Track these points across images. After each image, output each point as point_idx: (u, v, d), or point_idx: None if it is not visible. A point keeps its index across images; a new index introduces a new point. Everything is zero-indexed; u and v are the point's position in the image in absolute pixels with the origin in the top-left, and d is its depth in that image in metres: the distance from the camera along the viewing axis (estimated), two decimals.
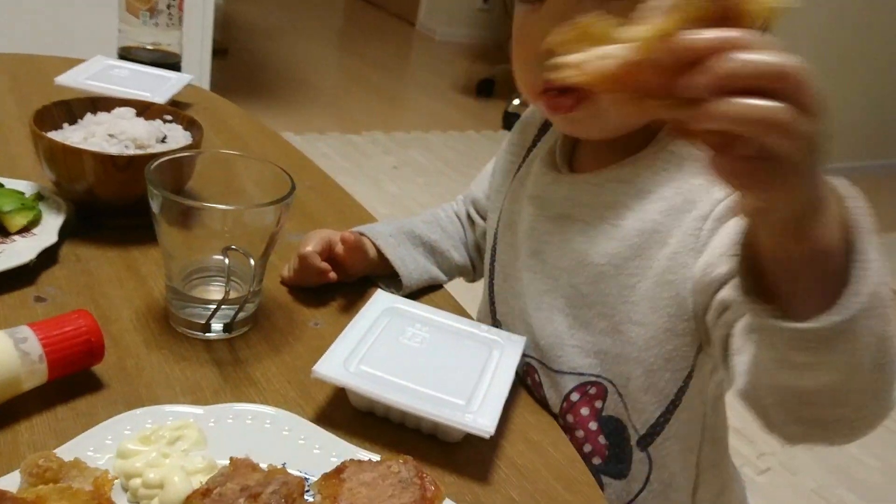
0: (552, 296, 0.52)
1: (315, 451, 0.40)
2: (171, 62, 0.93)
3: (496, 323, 0.58)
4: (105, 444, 0.37)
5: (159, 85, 0.83)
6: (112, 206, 0.57)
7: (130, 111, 0.62)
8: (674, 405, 0.49)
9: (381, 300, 0.52)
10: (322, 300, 0.56)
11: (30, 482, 0.33)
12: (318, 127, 2.30)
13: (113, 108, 0.63)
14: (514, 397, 0.50)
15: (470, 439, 0.44)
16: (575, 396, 0.51)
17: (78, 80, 0.80)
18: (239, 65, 2.80)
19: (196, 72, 1.89)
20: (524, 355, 0.52)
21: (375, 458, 0.38)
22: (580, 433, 0.51)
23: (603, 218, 0.50)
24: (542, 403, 0.52)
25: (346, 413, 0.46)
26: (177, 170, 0.50)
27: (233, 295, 0.48)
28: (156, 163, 0.47)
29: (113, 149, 0.56)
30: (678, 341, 0.47)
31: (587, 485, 0.44)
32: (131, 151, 0.57)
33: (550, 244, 0.53)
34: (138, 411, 0.39)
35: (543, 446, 0.47)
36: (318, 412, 0.45)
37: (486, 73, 3.15)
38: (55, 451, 0.35)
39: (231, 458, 0.36)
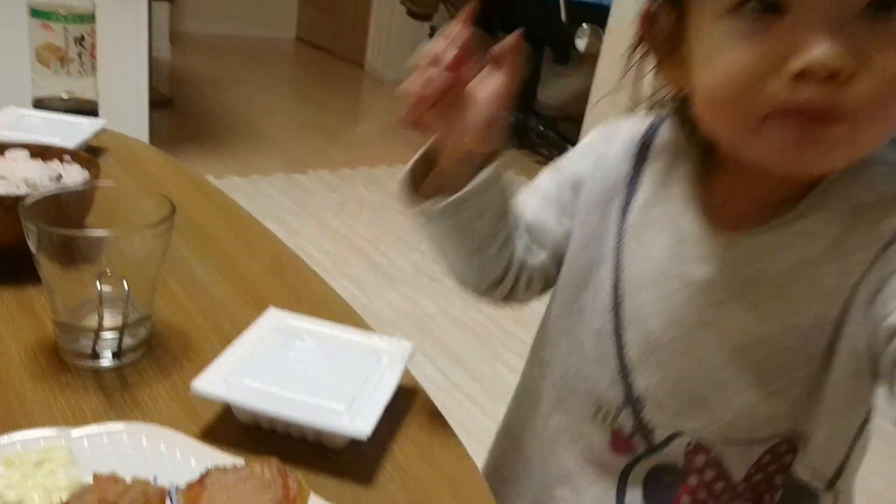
0: (739, 367, 0.49)
1: (191, 464, 0.40)
2: (86, 109, 0.94)
3: (635, 402, 0.53)
4: None
5: (71, 131, 0.84)
6: (3, 246, 0.58)
7: (24, 153, 0.63)
8: (855, 439, 0.51)
9: (271, 317, 0.53)
10: (219, 324, 0.57)
11: None
12: (263, 169, 2.32)
13: (6, 149, 0.63)
14: (411, 401, 0.51)
15: (357, 445, 0.45)
16: (766, 458, 0.51)
17: None
18: (183, 115, 2.81)
19: (133, 122, 1.90)
20: (680, 434, 0.51)
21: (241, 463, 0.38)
22: (763, 485, 0.52)
23: (799, 278, 0.47)
24: (709, 484, 0.52)
25: (232, 429, 0.46)
26: (61, 207, 0.51)
27: (116, 323, 0.48)
28: (33, 199, 0.48)
29: (1, 190, 0.57)
30: (864, 379, 0.47)
31: (473, 481, 0.45)
32: (21, 192, 0.57)
33: (734, 312, 0.49)
34: (4, 438, 0.39)
35: (432, 448, 0.47)
36: (205, 429, 0.46)
37: None
38: None
39: (94, 474, 0.36)
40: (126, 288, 0.45)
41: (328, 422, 0.43)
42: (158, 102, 2.67)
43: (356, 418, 0.43)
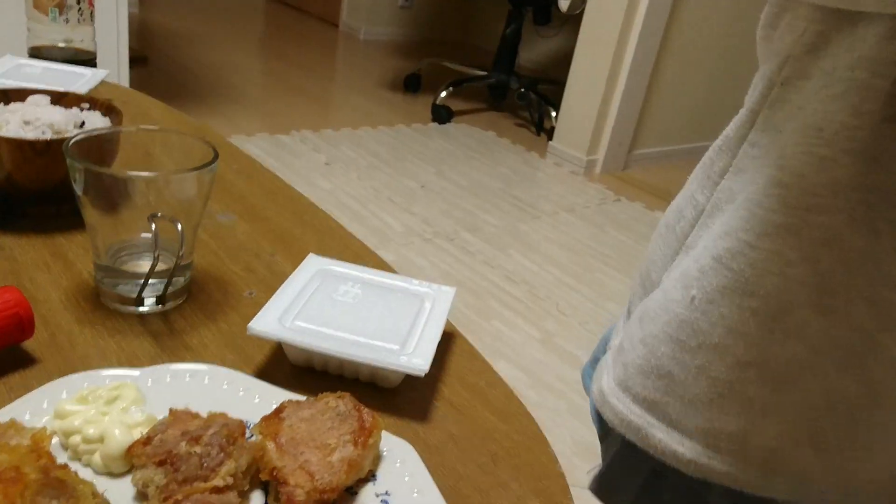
0: None
1: (255, 401, 0.41)
2: (85, 59, 0.91)
3: None
4: (42, 408, 0.37)
5: (74, 81, 0.82)
6: (33, 193, 0.57)
7: (45, 99, 0.61)
8: None
9: (312, 263, 0.53)
10: (255, 271, 0.57)
11: None
12: (246, 129, 2.28)
13: (26, 97, 0.62)
14: (450, 345, 0.52)
15: (408, 383, 0.46)
16: None
17: None
18: (159, 72, 2.74)
19: (114, 78, 1.85)
20: None
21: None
22: None
23: None
24: None
25: (285, 370, 0.47)
26: (98, 149, 0.50)
27: (163, 267, 0.48)
28: (74, 139, 0.47)
29: (30, 135, 0.56)
30: None
31: (522, 415, 0.47)
32: (49, 136, 0.56)
33: None
34: (74, 376, 0.39)
35: (479, 386, 0.49)
36: (258, 371, 0.46)
37: (413, 69, 3.18)
38: None
39: (170, 409, 0.37)
40: (180, 229, 0.44)
41: (386, 359, 0.44)
42: (133, 59, 2.59)
43: (412, 357, 0.44)
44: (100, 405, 0.37)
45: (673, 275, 0.49)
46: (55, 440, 0.35)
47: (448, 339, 0.53)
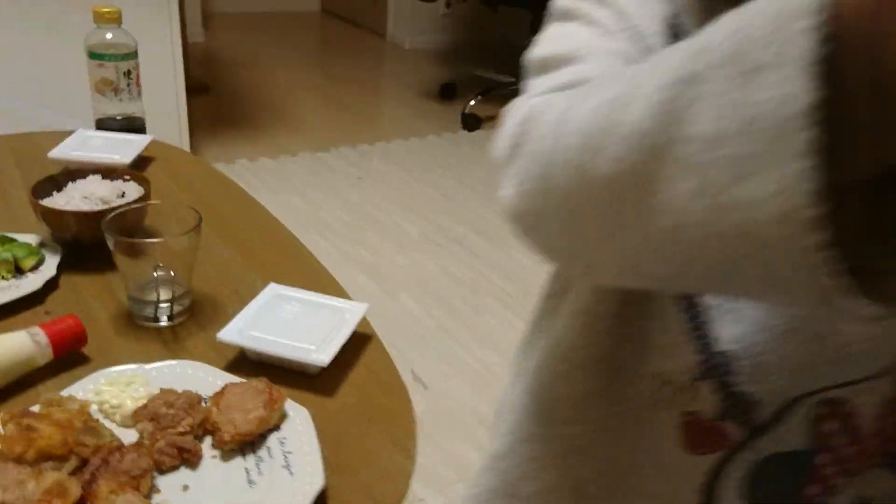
0: None
1: (217, 383, 0.65)
2: (136, 126, 1.19)
3: (718, 367, 0.38)
4: (88, 388, 0.63)
5: (126, 147, 1.09)
6: (90, 245, 0.83)
7: (97, 177, 0.88)
8: None
9: (271, 289, 0.77)
10: (238, 293, 0.82)
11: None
12: (291, 150, 2.57)
13: (87, 175, 0.89)
14: (366, 343, 0.75)
15: (326, 371, 0.69)
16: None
17: (65, 152, 1.06)
18: (218, 99, 3.07)
19: (175, 110, 2.17)
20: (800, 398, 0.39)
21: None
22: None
23: None
24: None
25: (245, 363, 0.71)
26: (125, 218, 0.76)
27: (168, 296, 0.73)
28: (108, 216, 0.72)
29: (86, 206, 0.82)
30: None
31: (400, 390, 0.69)
32: (98, 207, 0.83)
33: None
34: (107, 370, 0.65)
35: (377, 371, 0.72)
36: (228, 364, 0.70)
37: (449, 77, 3.39)
38: (62, 393, 0.61)
39: (160, 389, 0.61)
40: (171, 274, 0.69)
41: (303, 356, 0.67)
42: (196, 88, 2.92)
43: (319, 353, 0.68)
44: (121, 386, 0.62)
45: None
46: (94, 407, 0.61)
47: (365, 340, 0.76)
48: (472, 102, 2.97)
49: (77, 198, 0.84)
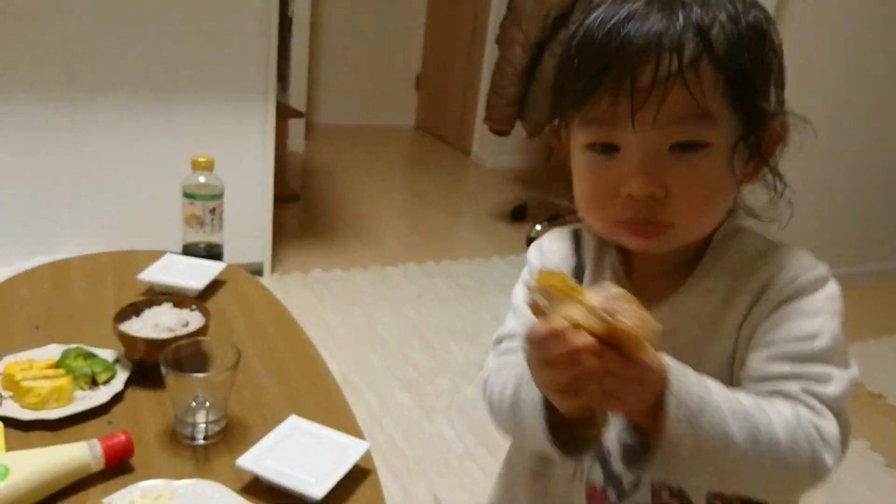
0: None
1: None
2: (215, 253, 1.39)
3: (603, 456, 0.72)
4: (127, 498, 0.76)
5: (203, 273, 1.28)
6: (154, 368, 1.00)
7: (169, 305, 1.06)
8: None
9: (290, 422, 0.90)
10: (266, 419, 0.95)
11: None
12: (362, 262, 2.77)
13: (161, 303, 1.07)
14: (363, 475, 0.86)
15: (325, 499, 0.80)
16: None
17: (152, 275, 1.26)
18: (307, 209, 3.36)
19: (260, 220, 2.44)
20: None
21: None
22: None
23: (706, 323, 0.64)
24: None
25: (259, 486, 0.83)
26: (181, 350, 0.92)
27: (204, 419, 0.88)
28: (166, 349, 0.89)
29: (153, 334, 0.99)
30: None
31: None
32: (164, 336, 0.99)
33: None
34: (144, 483, 0.79)
35: (357, 497, 0.82)
36: (246, 486, 0.83)
37: (522, 199, 3.56)
38: (103, 500, 0.75)
39: None
40: (207, 403, 0.84)
41: (303, 488, 0.79)
42: (287, 197, 3.21)
43: (317, 487, 0.79)
44: (151, 500, 0.76)
45: None
46: None
47: (365, 474, 0.86)
48: (538, 227, 3.11)
49: (149, 325, 1.01)
